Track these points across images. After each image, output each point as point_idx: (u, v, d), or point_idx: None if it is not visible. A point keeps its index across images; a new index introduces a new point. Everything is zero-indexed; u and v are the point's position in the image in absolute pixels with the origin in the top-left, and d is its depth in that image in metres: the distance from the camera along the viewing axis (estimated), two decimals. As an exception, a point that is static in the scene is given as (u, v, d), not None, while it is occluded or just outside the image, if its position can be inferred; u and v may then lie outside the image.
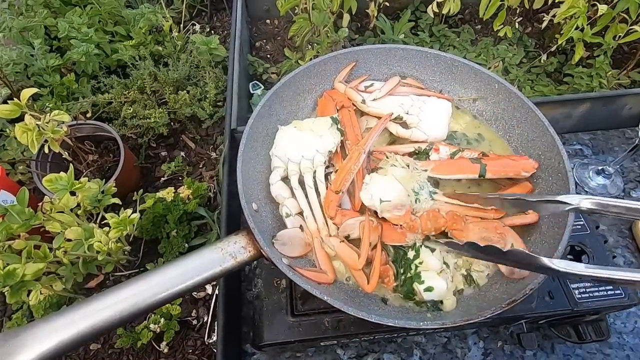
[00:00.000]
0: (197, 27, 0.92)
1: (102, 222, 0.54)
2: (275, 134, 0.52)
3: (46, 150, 0.54)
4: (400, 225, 0.44)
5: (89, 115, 0.74)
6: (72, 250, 0.48)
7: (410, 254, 0.43)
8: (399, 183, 0.45)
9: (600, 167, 0.73)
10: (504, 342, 0.57)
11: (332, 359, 0.57)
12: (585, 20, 0.74)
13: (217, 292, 0.53)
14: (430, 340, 0.58)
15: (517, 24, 0.92)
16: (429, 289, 0.40)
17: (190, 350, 0.55)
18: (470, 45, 0.95)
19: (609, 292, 0.48)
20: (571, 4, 0.75)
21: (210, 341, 0.54)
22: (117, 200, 0.56)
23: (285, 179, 0.50)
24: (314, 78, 0.58)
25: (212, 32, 1.00)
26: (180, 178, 0.74)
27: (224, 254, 0.40)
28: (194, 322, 0.58)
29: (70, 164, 0.51)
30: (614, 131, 0.82)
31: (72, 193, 0.52)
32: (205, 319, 0.57)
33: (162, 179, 0.74)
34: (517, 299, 0.36)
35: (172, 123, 0.79)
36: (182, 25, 0.93)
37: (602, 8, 0.72)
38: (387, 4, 0.91)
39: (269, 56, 0.98)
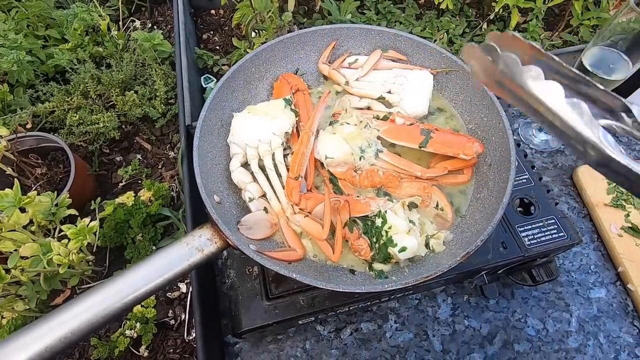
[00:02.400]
0: (138, 23, 0.88)
1: (60, 235, 0.52)
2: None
3: (-14, 167, 0.51)
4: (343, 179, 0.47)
5: (29, 126, 0.70)
6: (30, 267, 0.46)
7: (378, 221, 0.45)
8: (345, 142, 0.47)
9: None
10: (470, 295, 0.62)
11: (313, 336, 0.59)
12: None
13: (191, 289, 0.52)
14: (403, 304, 0.61)
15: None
16: (403, 249, 0.42)
17: (171, 350, 0.55)
18: (415, 20, 0.97)
19: (554, 236, 0.53)
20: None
21: (190, 338, 0.54)
22: (73, 212, 0.54)
23: (246, 165, 0.50)
24: (264, 65, 0.57)
25: (155, 27, 0.96)
26: (139, 181, 0.72)
27: (191, 249, 0.40)
28: (172, 322, 0.58)
29: (16, 180, 0.49)
30: (552, 90, 0.88)
31: (22, 209, 0.50)
32: (183, 317, 0.57)
33: (120, 184, 0.71)
34: (471, 250, 0.39)
35: (123, 126, 0.76)
36: (121, 23, 0.88)
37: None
38: (329, -16, 0.92)
39: (218, 47, 0.96)
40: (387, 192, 0.49)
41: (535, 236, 0.53)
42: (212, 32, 0.97)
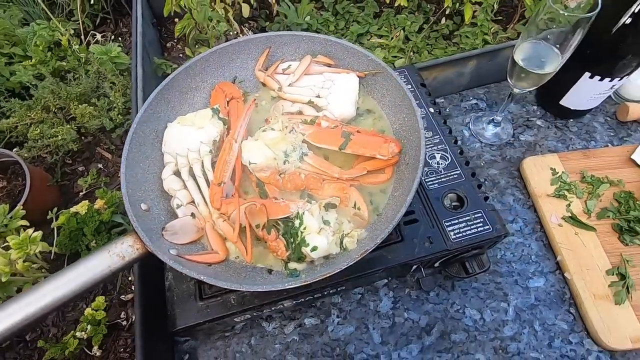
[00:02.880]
0: (99, 36, 0.91)
1: (5, 245, 0.55)
2: (165, 134, 0.54)
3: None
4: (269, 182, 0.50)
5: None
6: (-22, 276, 0.50)
7: (297, 222, 0.47)
8: (267, 148, 0.50)
9: (491, 118, 0.79)
10: (411, 289, 0.64)
11: (258, 332, 0.61)
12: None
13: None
14: (346, 299, 0.64)
15: (414, -9, 0.97)
16: (314, 249, 0.45)
17: (122, 349, 0.59)
18: (372, 18, 0.98)
19: (480, 229, 0.54)
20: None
21: (140, 337, 0.57)
22: (24, 222, 0.58)
23: (178, 173, 0.53)
24: (200, 75, 0.60)
25: (120, 38, 0.99)
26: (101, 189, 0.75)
27: (112, 255, 0.43)
28: (124, 322, 0.61)
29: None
30: (505, 82, 0.89)
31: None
32: (135, 318, 0.60)
33: (81, 193, 0.75)
34: (369, 248, 0.41)
35: (83, 137, 0.79)
36: (83, 37, 0.91)
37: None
38: (285, -12, 0.93)
39: (181, 55, 0.99)
40: (311, 194, 0.51)
41: (461, 230, 0.54)
42: (175, 41, 1.00)
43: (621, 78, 0.67)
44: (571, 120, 0.80)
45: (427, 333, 0.60)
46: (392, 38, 0.95)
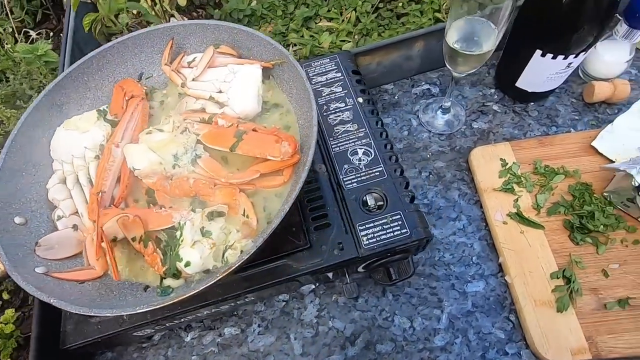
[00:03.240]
0: (34, 34, 0.88)
1: None
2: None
3: None
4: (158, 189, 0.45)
5: None
6: None
7: (178, 234, 0.43)
8: (152, 152, 0.45)
9: (440, 105, 0.72)
10: (339, 295, 0.59)
11: (176, 343, 0.59)
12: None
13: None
14: (270, 306, 0.60)
15: (365, -32, 0.89)
16: (187, 264, 0.41)
17: (33, 362, 0.57)
18: (322, 0, 0.91)
19: (396, 233, 0.49)
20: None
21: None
22: None
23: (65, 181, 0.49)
24: (99, 72, 0.55)
25: (61, 35, 0.96)
26: None
27: (-29, 275, 0.40)
28: (38, 334, 0.59)
29: None
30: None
31: None
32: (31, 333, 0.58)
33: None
34: (233, 265, 0.37)
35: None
36: (17, 35, 0.88)
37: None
38: (228, -29, 0.87)
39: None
40: (203, 201, 0.47)
41: (375, 235, 0.49)
42: (116, 36, 0.96)
43: (577, 55, 0.59)
44: (532, 103, 0.72)
45: (352, 343, 0.56)
46: (342, 20, 0.87)
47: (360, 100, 0.60)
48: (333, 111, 0.60)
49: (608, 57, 0.67)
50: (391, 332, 0.56)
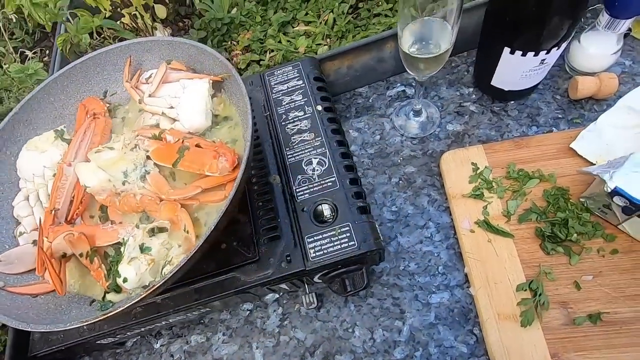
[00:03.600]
0: (30, 53, 0.93)
1: None
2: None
3: None
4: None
5: None
6: None
7: (122, 249, 0.45)
8: (101, 170, 0.47)
9: (412, 107, 0.70)
10: (301, 305, 0.59)
11: (147, 349, 0.61)
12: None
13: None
14: (234, 315, 0.61)
15: (343, -31, 0.87)
16: (125, 280, 0.42)
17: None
18: (302, 3, 0.90)
19: (343, 245, 0.48)
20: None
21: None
22: None
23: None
24: (65, 91, 0.58)
25: (58, 52, 1.01)
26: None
27: None
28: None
29: None
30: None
31: None
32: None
33: None
34: (156, 284, 0.37)
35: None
36: (14, 55, 0.94)
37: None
38: (207, -19, 0.88)
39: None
40: (150, 216, 0.48)
41: (323, 247, 0.49)
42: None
43: (549, 51, 0.55)
44: (512, 102, 0.68)
45: (311, 354, 0.56)
46: (320, 23, 0.86)
47: (320, 107, 0.59)
48: (291, 120, 0.59)
49: (593, 49, 0.62)
50: (351, 344, 0.55)
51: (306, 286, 0.56)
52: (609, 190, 0.48)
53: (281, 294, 0.60)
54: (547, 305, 0.50)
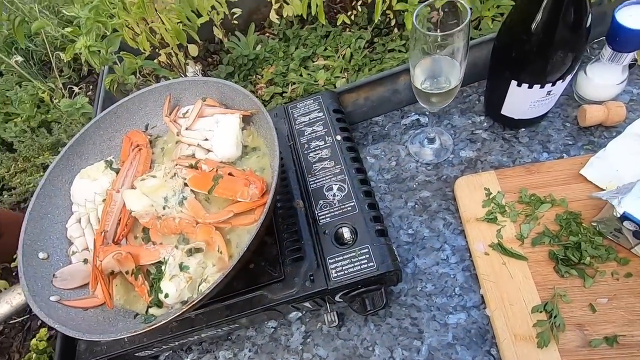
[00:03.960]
0: (76, 89, 1.04)
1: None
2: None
3: None
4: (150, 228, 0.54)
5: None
6: None
7: (163, 268, 0.50)
8: (145, 196, 0.53)
9: (426, 135, 0.74)
10: (323, 323, 0.62)
11: (177, 363, 0.65)
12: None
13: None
14: (260, 332, 0.64)
15: (359, 7, 0.94)
16: (166, 296, 0.47)
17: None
18: (321, 39, 0.98)
19: (363, 266, 0.52)
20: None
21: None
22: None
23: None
24: (112, 126, 0.66)
25: (100, 86, 1.11)
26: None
27: (1, 302, 0.49)
28: (65, 351, 0.68)
29: None
30: (452, 92, 0.82)
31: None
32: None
33: (51, 232, 0.85)
34: (195, 300, 0.42)
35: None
36: (63, 91, 1.04)
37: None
38: (235, 22, 0.97)
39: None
40: (187, 237, 0.53)
41: (344, 267, 0.52)
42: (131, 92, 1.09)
43: (554, 83, 0.59)
44: (523, 129, 0.72)
45: (332, 371, 0.58)
46: (338, 57, 0.93)
47: (339, 137, 0.64)
48: (313, 149, 0.64)
49: (598, 80, 0.65)
50: (370, 362, 0.58)
51: (328, 305, 0.59)
52: (618, 216, 0.50)
53: (304, 312, 0.63)
54: (562, 327, 0.51)
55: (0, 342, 0.74)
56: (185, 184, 0.55)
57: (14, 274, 0.76)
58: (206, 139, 0.59)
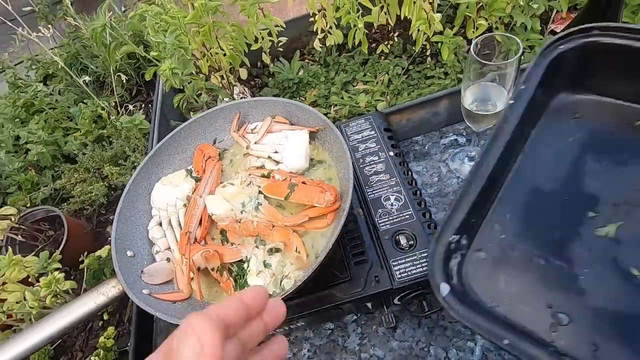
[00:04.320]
0: (131, 107, 1.12)
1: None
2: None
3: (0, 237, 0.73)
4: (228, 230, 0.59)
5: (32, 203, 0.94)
6: (19, 309, 0.64)
7: (245, 265, 0.55)
8: (225, 201, 0.58)
9: (466, 154, 0.81)
10: (378, 325, 0.66)
11: None
12: (427, 26, 0.85)
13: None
14: (317, 334, 0.68)
15: (395, 38, 1.04)
16: None
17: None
18: (360, 66, 1.06)
19: (424, 268, 0.57)
20: (417, 16, 0.86)
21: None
22: (58, 265, 0.73)
23: (161, 224, 0.64)
24: (185, 140, 0.72)
25: (150, 105, 1.20)
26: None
27: (98, 294, 0.54)
28: (130, 350, 0.72)
29: (9, 247, 0.69)
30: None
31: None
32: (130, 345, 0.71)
33: (109, 238, 0.91)
34: (289, 291, 0.47)
35: (112, 191, 0.97)
36: (119, 108, 1.12)
37: (435, 17, 0.83)
38: (280, 49, 1.06)
39: (198, 114, 1.16)
40: (263, 239, 0.59)
41: (407, 270, 0.57)
42: (198, 110, 1.17)
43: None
44: (555, 149, 0.78)
45: (390, 370, 0.62)
46: (377, 82, 1.01)
47: (392, 153, 0.71)
48: (368, 163, 0.71)
49: None
50: (427, 362, 0.61)
51: (385, 308, 0.64)
52: None
53: (359, 314, 0.67)
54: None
55: (64, 341, 0.78)
56: (260, 192, 0.61)
57: (72, 276, 0.81)
58: (276, 152, 0.66)
